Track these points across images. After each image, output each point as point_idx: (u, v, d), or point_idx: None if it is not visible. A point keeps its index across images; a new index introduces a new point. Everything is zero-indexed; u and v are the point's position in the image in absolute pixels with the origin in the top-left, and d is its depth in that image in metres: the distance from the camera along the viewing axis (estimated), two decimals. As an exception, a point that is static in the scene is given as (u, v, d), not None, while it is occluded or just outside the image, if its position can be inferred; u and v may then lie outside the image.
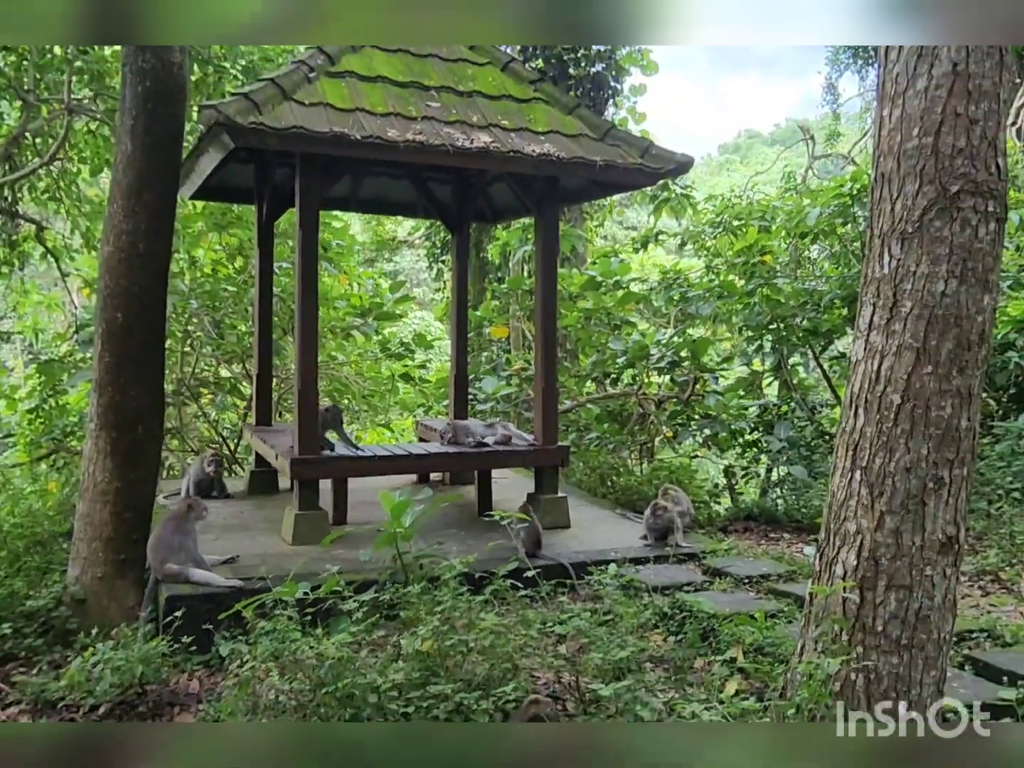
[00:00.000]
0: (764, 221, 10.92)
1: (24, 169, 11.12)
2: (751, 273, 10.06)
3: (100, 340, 5.52)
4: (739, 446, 9.74)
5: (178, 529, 5.38)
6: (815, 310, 9.55)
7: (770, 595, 5.48)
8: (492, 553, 5.25)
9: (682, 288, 10.81)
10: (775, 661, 4.30)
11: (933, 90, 3.21)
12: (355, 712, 3.61)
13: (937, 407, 3.17)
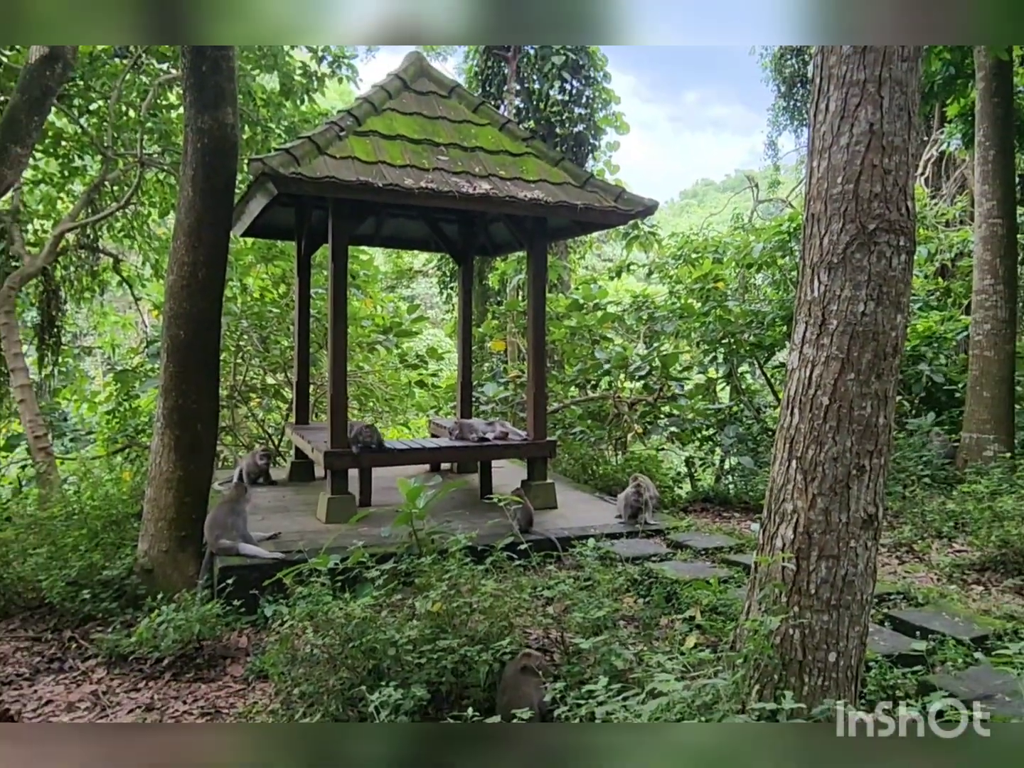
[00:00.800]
0: (717, 254, 10.94)
1: (103, 212, 11.11)
2: (707, 297, 10.06)
3: (165, 353, 5.50)
4: (698, 440, 9.73)
5: (231, 511, 5.35)
6: (760, 327, 9.56)
7: (723, 564, 5.46)
8: (492, 530, 5.24)
9: (650, 309, 10.82)
10: (727, 619, 4.29)
11: (854, 146, 3.21)
12: (377, 663, 3.59)
13: (859, 407, 3.16)
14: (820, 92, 3.33)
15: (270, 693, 4.02)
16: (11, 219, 10.48)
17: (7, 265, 10.53)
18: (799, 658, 3.10)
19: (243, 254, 10.73)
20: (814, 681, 3.09)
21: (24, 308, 11.78)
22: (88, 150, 10.87)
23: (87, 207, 11.00)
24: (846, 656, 3.13)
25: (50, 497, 7.06)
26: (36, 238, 11.41)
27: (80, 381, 12.60)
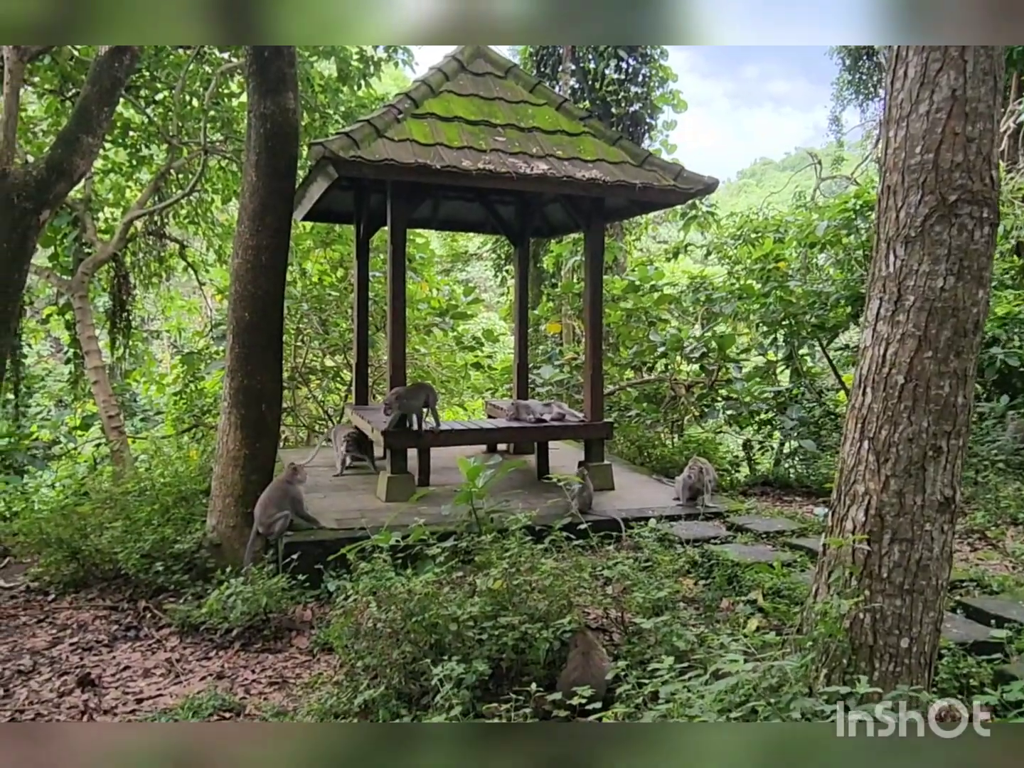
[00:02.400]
0: (778, 233, 10.64)
1: (170, 199, 11.42)
2: (767, 277, 9.80)
3: (231, 335, 5.63)
4: (756, 424, 9.53)
5: (284, 493, 5.32)
6: (822, 308, 9.28)
7: (785, 548, 5.36)
8: (550, 510, 5.24)
9: (707, 291, 10.60)
10: (790, 603, 4.21)
11: (934, 113, 3.06)
12: (439, 638, 3.63)
13: (936, 386, 3.04)
14: (898, 58, 3.18)
15: (334, 665, 4.12)
16: (84, 207, 10.86)
17: (80, 252, 10.93)
18: (870, 643, 3.01)
19: (302, 239, 10.89)
20: (885, 667, 3.00)
21: (96, 294, 12.21)
22: (154, 139, 11.17)
23: (154, 195, 11.32)
24: (919, 642, 3.03)
25: (123, 474, 7.32)
26: (107, 225, 11.80)
27: (149, 364, 13.03)
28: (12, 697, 3.90)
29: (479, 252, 19.05)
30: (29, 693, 3.94)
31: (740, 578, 4.68)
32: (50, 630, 4.79)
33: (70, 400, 12.49)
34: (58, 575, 5.45)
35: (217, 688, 3.90)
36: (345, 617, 3.90)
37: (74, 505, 6.27)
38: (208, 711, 3.62)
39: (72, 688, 3.97)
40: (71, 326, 11.16)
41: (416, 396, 6.35)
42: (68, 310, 11.03)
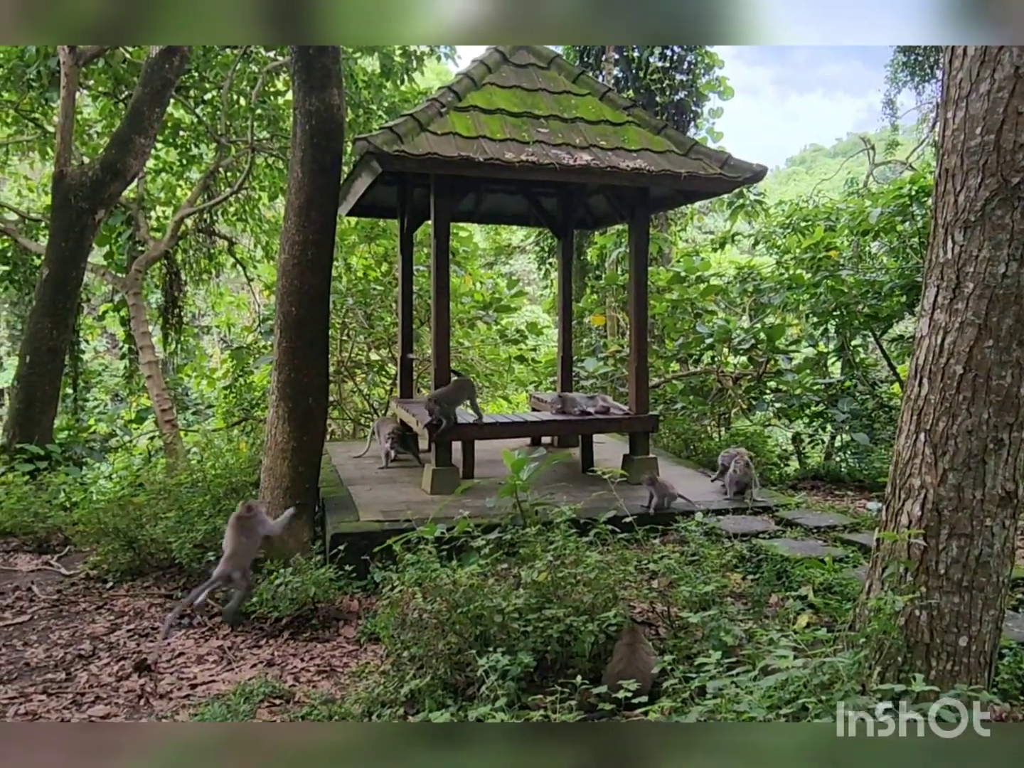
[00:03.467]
0: (829, 221, 10.38)
1: (218, 197, 11.68)
2: (817, 267, 9.60)
3: (279, 330, 5.73)
4: (806, 416, 9.36)
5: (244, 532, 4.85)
6: (875, 298, 9.04)
7: (836, 543, 5.25)
8: (594, 503, 5.22)
9: (755, 281, 10.43)
10: (842, 599, 4.13)
11: (995, 92, 2.95)
12: (484, 629, 3.65)
13: (997, 376, 2.93)
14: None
15: (381, 655, 4.17)
16: (137, 206, 11.19)
17: (134, 250, 11.28)
18: (926, 641, 2.94)
19: (347, 234, 11.05)
20: (942, 665, 2.92)
21: (149, 291, 12.58)
22: (203, 138, 11.45)
23: (203, 193, 11.60)
24: (979, 641, 2.94)
25: (176, 466, 7.54)
26: (158, 223, 12.15)
27: (200, 359, 13.38)
28: (73, 680, 4.05)
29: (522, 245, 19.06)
30: (89, 677, 4.08)
31: (790, 574, 4.60)
32: (108, 616, 4.96)
33: (125, 394, 12.92)
34: (115, 564, 5.64)
35: (268, 675, 3.99)
36: (391, 608, 3.94)
37: (130, 496, 6.47)
38: (259, 697, 3.71)
39: (129, 673, 4.10)
40: (125, 322, 11.52)
41: (456, 395, 6.39)
42: (123, 307, 11.39)
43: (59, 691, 3.92)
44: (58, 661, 4.27)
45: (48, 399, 8.60)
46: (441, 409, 6.26)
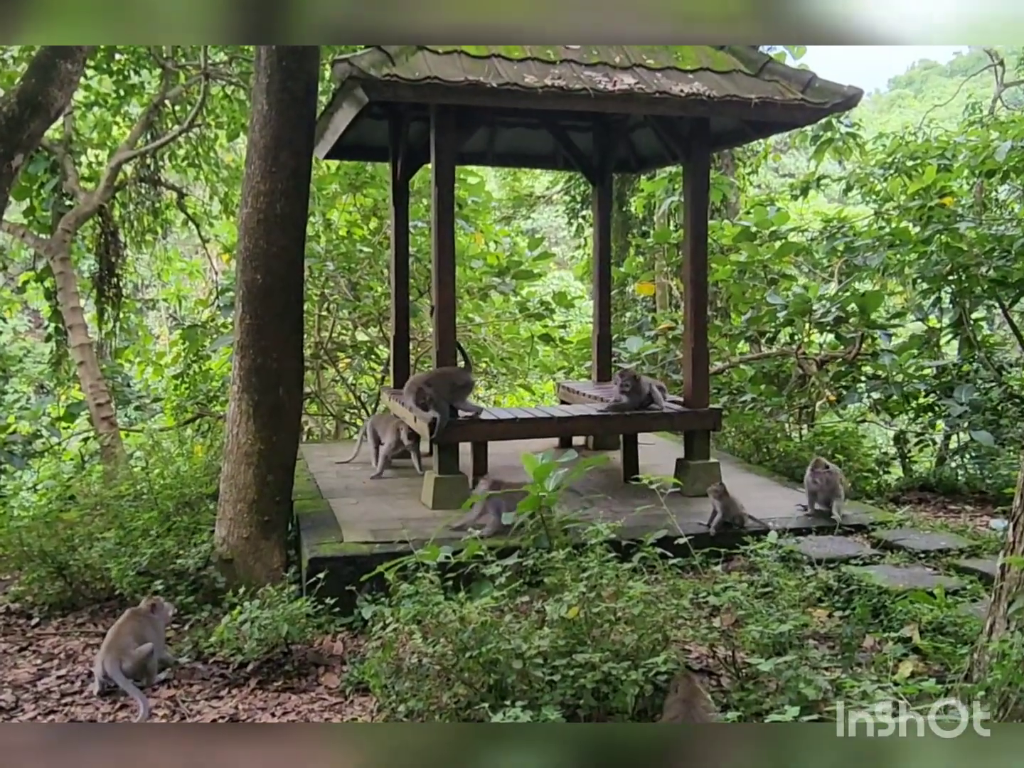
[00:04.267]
0: (944, 159, 10.26)
1: (164, 137, 11.76)
2: (927, 218, 9.49)
3: (240, 302, 5.78)
4: (912, 410, 9.28)
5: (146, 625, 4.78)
6: (1004, 257, 8.92)
7: (950, 571, 5.23)
8: (639, 520, 5.23)
9: (847, 237, 10.34)
10: (957, 642, 4.11)
11: None
12: (499, 678, 3.69)
13: None
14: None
15: (371, 709, 4.22)
16: (63, 150, 11.31)
17: (60, 204, 11.39)
18: (1064, 694, 2.92)
19: (326, 182, 11.08)
20: (1084, 726, 2.91)
21: (80, 256, 12.73)
22: (145, 63, 11.51)
23: (146, 132, 11.69)
24: None
25: (115, 474, 7.65)
26: (90, 171, 12.26)
27: (144, 340, 13.52)
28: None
29: (548, 194, 19.02)
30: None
31: (889, 609, 4.60)
32: (34, 660, 5.04)
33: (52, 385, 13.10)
34: (42, 595, 5.74)
35: (230, 734, 4.06)
36: (383, 651, 3.99)
37: (59, 511, 6.59)
38: (219, 761, 3.77)
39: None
40: (51, 295, 11.66)
41: (448, 382, 6.43)
42: (48, 276, 11.52)
43: (-28, 753, 4.00)
44: (-31, 714, 4.37)
45: (-44, 391, 8.76)
46: (428, 400, 6.29)
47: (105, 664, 4.54)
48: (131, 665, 4.55)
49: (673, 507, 4.85)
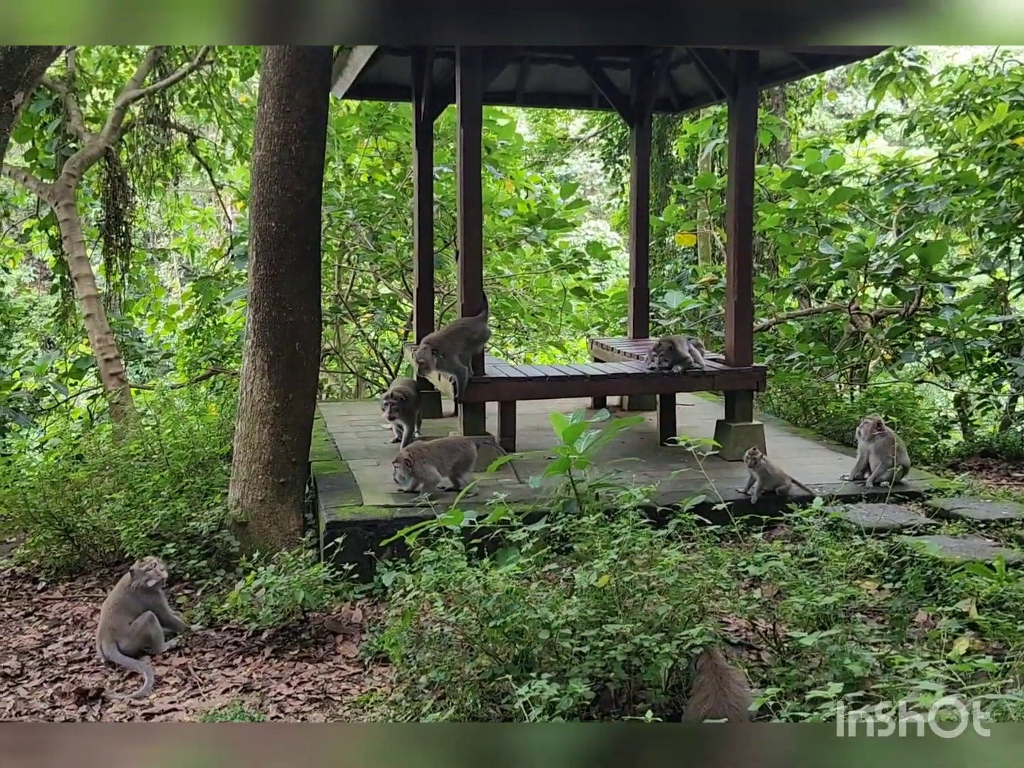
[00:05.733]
0: (1018, 96, 9.99)
1: (174, 75, 11.74)
2: (997, 161, 9.28)
3: (254, 252, 5.79)
4: (975, 370, 9.16)
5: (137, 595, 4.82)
6: (1081, 204, 8.74)
7: (1012, 542, 5.18)
8: (675, 485, 5.22)
9: (908, 182, 10.13)
10: (1018, 618, 4.07)
11: None
12: (525, 649, 3.71)
13: None
14: None
15: (391, 680, 4.28)
16: (66, 88, 11.33)
17: (64, 147, 11.43)
18: None
19: (345, 124, 11.03)
20: None
21: (86, 202, 12.81)
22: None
23: (154, 69, 11.67)
24: None
25: (125, 433, 7.75)
26: (96, 111, 12.29)
27: (155, 292, 13.63)
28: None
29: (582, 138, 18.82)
30: (16, 702, 4.27)
31: (944, 582, 4.56)
32: (41, 626, 5.16)
33: (59, 340, 13.26)
34: (49, 558, 5.86)
35: (244, 703, 4.12)
36: (404, 619, 4.02)
37: (66, 471, 6.69)
38: (232, 731, 3.85)
39: (68, 697, 4.29)
40: (56, 244, 11.76)
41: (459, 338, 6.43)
42: (52, 223, 11.61)
43: (-22, 719, 4.12)
44: (-27, 682, 4.49)
45: (-40, 345, 8.90)
46: (440, 361, 6.30)
47: (103, 649, 4.65)
48: (128, 642, 4.66)
49: (712, 472, 4.84)
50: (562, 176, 20.80)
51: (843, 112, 24.06)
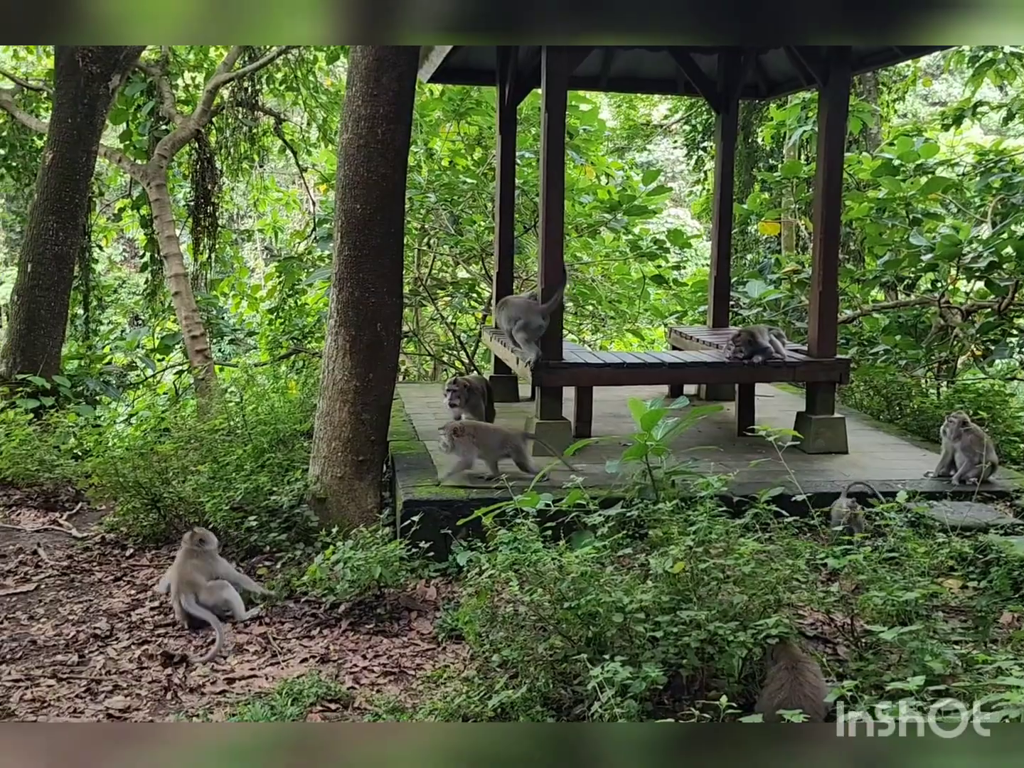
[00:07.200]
0: (1124, 84, 9.63)
1: (262, 59, 11.98)
2: (1100, 151, 8.96)
3: (339, 233, 5.90)
4: (1071, 368, 8.89)
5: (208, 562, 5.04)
6: None
7: (1105, 545, 5.03)
8: (753, 475, 5.19)
9: (1005, 173, 9.82)
10: (1108, 621, 3.98)
11: None
12: (598, 632, 3.74)
13: None
14: None
15: (463, 656, 4.36)
16: (160, 71, 11.65)
17: (157, 128, 11.77)
18: None
19: (428, 108, 11.12)
20: None
21: (175, 183, 13.16)
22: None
23: (244, 53, 11.92)
24: None
25: (209, 408, 7.98)
26: (187, 94, 12.61)
27: (239, 273, 13.95)
28: (88, 665, 4.44)
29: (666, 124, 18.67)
30: (106, 662, 4.46)
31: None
32: (129, 590, 5.37)
33: (147, 316, 13.67)
34: (136, 526, 6.07)
35: (321, 673, 4.24)
36: (478, 598, 4.09)
37: (154, 444, 6.92)
38: (310, 699, 3.95)
39: (154, 659, 4.46)
40: (147, 223, 12.12)
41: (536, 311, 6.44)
42: (143, 203, 11.97)
43: (71, 676, 4.31)
44: (69, 640, 4.69)
45: (54, 319, 9.22)
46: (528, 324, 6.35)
47: (182, 602, 4.82)
48: (208, 597, 4.83)
49: (791, 464, 4.77)
50: (644, 162, 20.66)
51: (938, 100, 23.41)
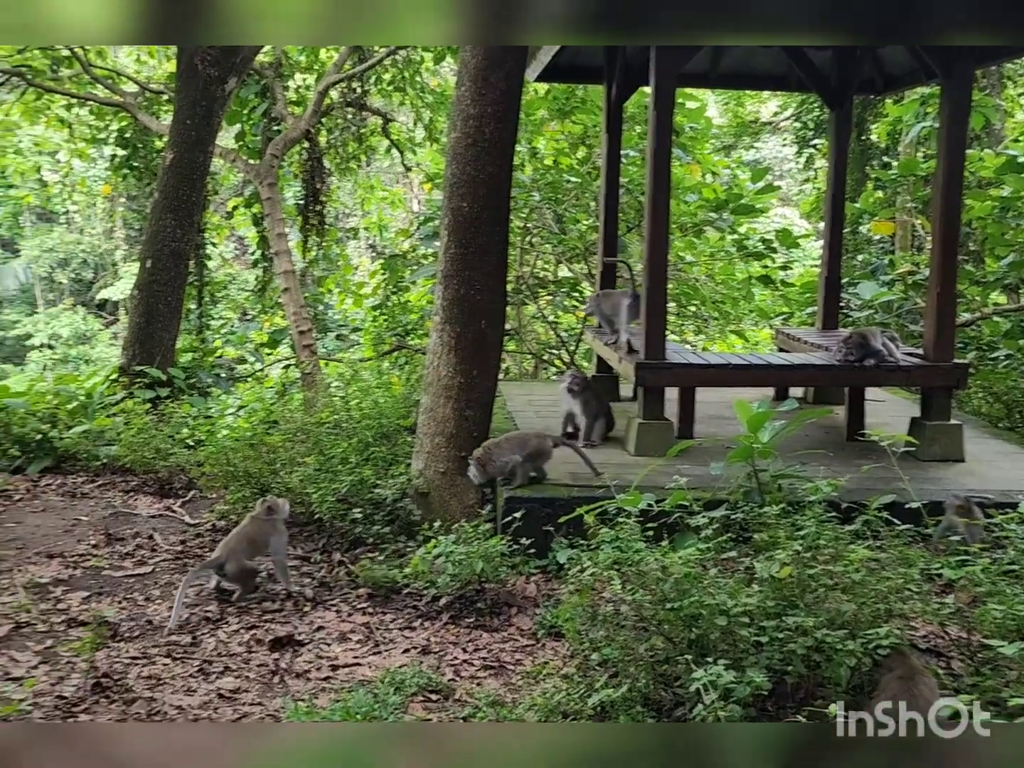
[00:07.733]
0: None
1: (371, 60, 12.22)
2: None
3: (446, 231, 5.99)
4: None
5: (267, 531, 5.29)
6: None
7: None
8: (863, 481, 5.07)
9: None
10: None
11: None
12: (700, 634, 3.71)
13: None
14: None
15: (563, 654, 4.38)
16: (273, 73, 12.00)
17: (269, 129, 12.12)
18: None
19: (532, 107, 11.17)
20: None
21: (286, 182, 13.53)
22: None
23: (353, 55, 12.18)
24: None
25: (316, 402, 8.19)
26: (298, 95, 12.96)
27: (344, 270, 14.26)
28: (199, 646, 4.62)
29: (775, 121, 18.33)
30: (217, 644, 4.63)
31: None
32: (238, 577, 5.56)
33: (256, 312, 14.09)
34: (245, 515, 6.27)
35: (422, 664, 4.32)
36: (579, 596, 4.10)
37: (262, 435, 7.13)
38: (412, 689, 4.03)
39: (263, 644, 4.61)
40: (258, 221, 12.50)
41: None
42: (255, 202, 12.34)
43: (184, 656, 4.49)
44: (182, 622, 4.88)
45: (171, 313, 9.61)
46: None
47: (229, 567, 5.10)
48: (234, 568, 5.10)
49: (905, 471, 4.65)
50: (751, 160, 20.34)
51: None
